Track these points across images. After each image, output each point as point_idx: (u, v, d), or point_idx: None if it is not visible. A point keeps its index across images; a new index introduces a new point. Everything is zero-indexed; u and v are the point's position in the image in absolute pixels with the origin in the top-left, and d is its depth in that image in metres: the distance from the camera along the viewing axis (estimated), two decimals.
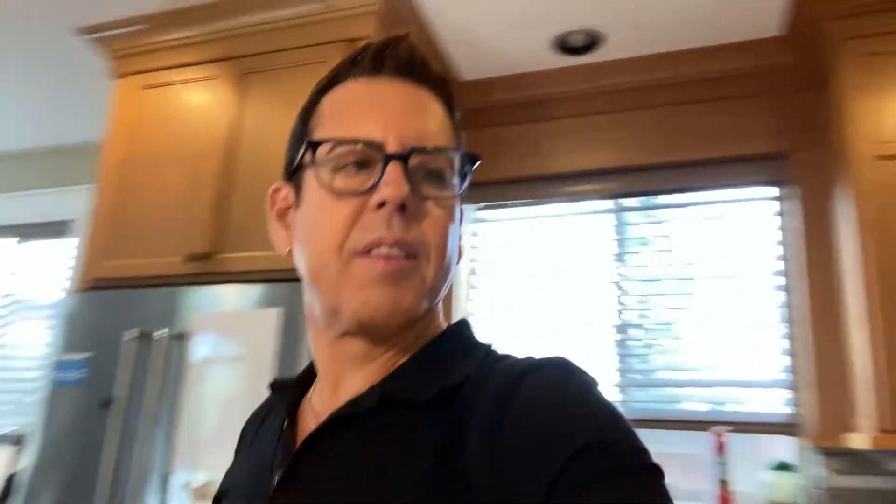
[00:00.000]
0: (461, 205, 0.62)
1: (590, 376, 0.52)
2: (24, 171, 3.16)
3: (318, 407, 0.61)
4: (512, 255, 2.32)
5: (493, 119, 2.34)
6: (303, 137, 0.60)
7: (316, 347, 0.62)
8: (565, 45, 2.09)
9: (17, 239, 3.13)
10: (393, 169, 0.53)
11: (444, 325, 0.62)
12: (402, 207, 0.53)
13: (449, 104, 0.61)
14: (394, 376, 0.56)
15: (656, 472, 0.47)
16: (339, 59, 1.72)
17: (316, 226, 0.57)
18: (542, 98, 2.28)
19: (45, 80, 2.52)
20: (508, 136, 2.32)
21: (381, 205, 0.53)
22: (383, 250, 0.53)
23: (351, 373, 0.58)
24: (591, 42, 2.08)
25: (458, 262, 0.62)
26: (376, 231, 0.53)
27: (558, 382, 0.50)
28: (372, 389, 0.55)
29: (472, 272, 2.34)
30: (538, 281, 2.25)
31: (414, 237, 0.54)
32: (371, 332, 0.57)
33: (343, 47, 1.80)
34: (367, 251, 0.54)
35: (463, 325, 0.63)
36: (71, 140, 2.98)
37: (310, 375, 0.65)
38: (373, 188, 0.54)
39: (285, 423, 0.61)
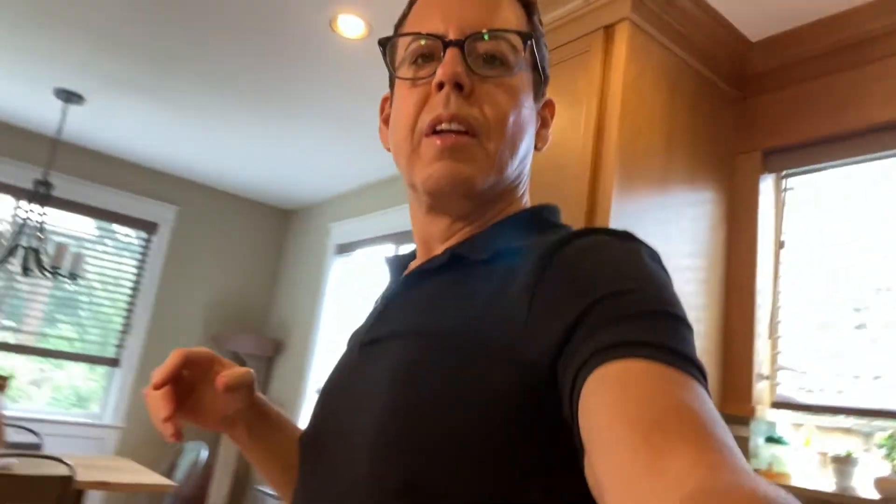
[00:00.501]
0: (539, 88, 0.67)
1: (647, 247, 0.53)
2: (396, 191, 3.96)
3: (419, 253, 0.70)
4: (827, 225, 2.04)
5: (793, 77, 2.11)
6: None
7: (413, 223, 0.70)
8: None
9: (393, 245, 3.94)
10: (450, 53, 0.60)
11: (529, 206, 0.67)
12: (458, 87, 0.59)
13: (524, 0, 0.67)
14: (464, 241, 0.63)
15: (674, 319, 0.46)
16: (600, 47, 1.84)
17: (395, 116, 0.65)
18: (851, 41, 1.97)
19: None
20: (815, 92, 2.06)
21: (441, 87, 0.60)
22: (443, 126, 0.59)
23: (438, 244, 0.66)
24: None
25: (535, 146, 0.67)
26: (436, 110, 0.60)
27: (603, 244, 0.53)
28: (445, 251, 0.63)
29: (781, 245, 2.14)
30: (860, 256, 1.94)
31: (472, 114, 0.59)
32: (444, 206, 0.64)
33: (601, 34, 1.89)
34: (431, 130, 0.60)
35: (543, 208, 0.67)
36: None
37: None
38: (434, 74, 0.60)
39: (391, 278, 0.72)
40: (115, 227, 4.50)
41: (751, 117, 2.20)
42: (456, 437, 0.48)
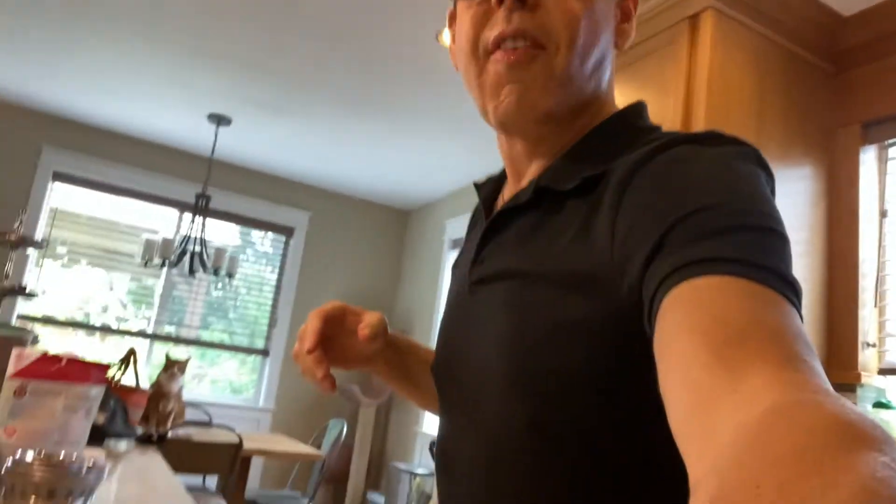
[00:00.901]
0: None
1: (740, 148, 0.50)
2: None
3: (506, 197, 0.67)
4: None
5: (888, 48, 2.12)
6: None
7: (499, 146, 0.66)
8: None
9: None
10: None
11: (614, 111, 0.62)
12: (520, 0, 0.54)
13: None
14: (547, 170, 0.59)
15: (763, 232, 0.42)
16: (685, 37, 1.99)
17: (459, 35, 0.61)
18: None
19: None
20: None
21: (501, 1, 0.55)
22: (508, 43, 0.55)
23: (525, 167, 0.63)
24: None
25: (614, 45, 0.62)
26: (499, 25, 0.55)
27: (686, 157, 0.49)
28: (530, 183, 0.60)
29: (884, 214, 2.16)
30: None
31: (537, 26, 0.55)
32: (519, 132, 0.61)
33: (686, 24, 2.02)
34: (494, 48, 0.56)
35: (633, 108, 0.63)
36: None
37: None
38: None
39: (482, 215, 0.71)
40: (258, 232, 5.08)
41: (847, 91, 2.23)
42: (564, 376, 0.50)
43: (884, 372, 2.06)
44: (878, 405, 2.03)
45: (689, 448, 0.33)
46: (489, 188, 0.71)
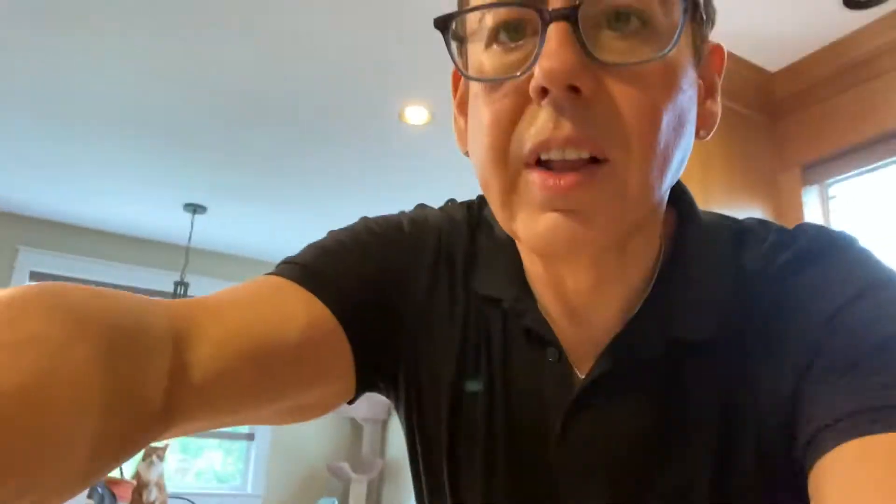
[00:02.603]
0: (699, 39, 0.44)
1: (865, 253, 0.45)
2: None
3: (561, 323, 0.48)
4: (878, 227, 2.19)
5: (815, 96, 2.31)
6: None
7: (524, 259, 0.49)
8: (856, 1, 2.02)
9: None
10: (555, 32, 0.37)
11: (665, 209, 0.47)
12: (574, 90, 0.37)
13: None
14: (669, 312, 0.45)
15: None
16: None
17: (474, 123, 0.43)
18: (856, 61, 2.17)
19: None
20: (837, 107, 2.25)
21: (545, 92, 0.37)
22: (555, 154, 0.38)
23: (586, 300, 0.46)
24: None
25: (698, 136, 0.47)
26: (543, 131, 0.38)
27: (826, 284, 0.43)
28: (652, 335, 0.45)
29: None
30: None
31: (600, 128, 0.38)
32: (564, 261, 0.44)
33: None
34: (534, 160, 0.39)
35: (688, 203, 0.51)
36: None
37: (518, 275, 0.50)
38: (530, 67, 0.38)
39: (550, 354, 0.48)
40: None
41: (784, 137, 2.41)
42: None
43: None
44: None
45: None
46: (523, 306, 0.50)
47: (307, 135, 3.13)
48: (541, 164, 0.39)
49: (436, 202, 0.63)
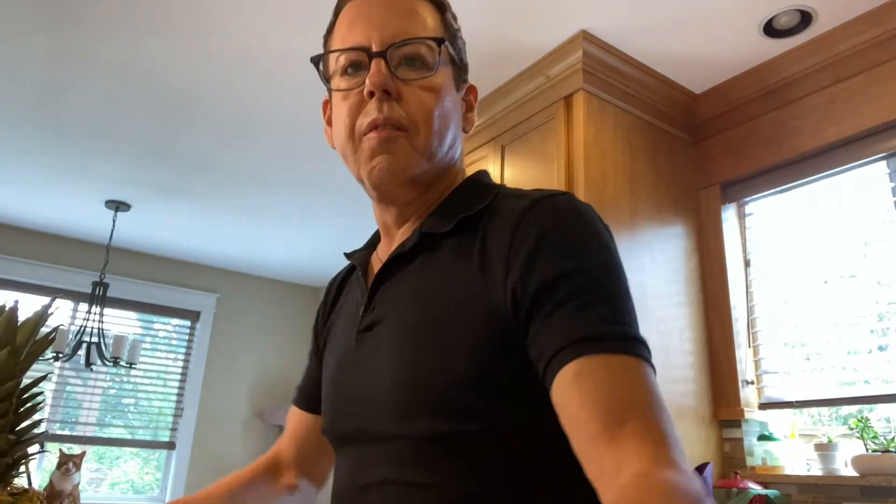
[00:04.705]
0: (460, 78, 0.76)
1: (589, 209, 0.64)
2: None
3: (382, 256, 0.77)
4: (790, 243, 2.32)
5: (736, 119, 2.43)
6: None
7: (375, 213, 0.79)
8: (775, 29, 2.14)
9: None
10: (375, 64, 0.68)
11: (466, 177, 0.77)
12: (387, 93, 0.68)
13: (436, 2, 0.76)
14: (427, 217, 0.72)
15: (618, 297, 0.57)
16: (561, 115, 2.20)
17: (336, 122, 0.74)
18: (774, 87, 2.31)
19: None
20: (756, 129, 2.38)
21: (371, 94, 0.68)
22: (378, 128, 0.68)
23: (397, 228, 0.76)
24: (800, 21, 2.09)
25: (463, 129, 0.78)
26: (371, 115, 0.68)
27: (564, 216, 0.62)
28: (413, 232, 0.71)
29: (748, 263, 2.42)
30: (822, 268, 2.21)
31: (400, 114, 0.68)
32: (390, 195, 0.73)
33: (562, 104, 2.25)
34: (369, 131, 0.69)
35: (479, 174, 0.78)
36: None
37: (375, 239, 0.83)
38: (363, 83, 0.69)
39: (360, 274, 0.77)
40: (162, 318, 4.90)
41: (706, 157, 2.52)
42: (457, 390, 0.59)
43: (764, 406, 2.25)
44: (763, 438, 2.21)
45: (590, 466, 0.50)
46: (361, 255, 0.81)
47: (236, 133, 3.06)
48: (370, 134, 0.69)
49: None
